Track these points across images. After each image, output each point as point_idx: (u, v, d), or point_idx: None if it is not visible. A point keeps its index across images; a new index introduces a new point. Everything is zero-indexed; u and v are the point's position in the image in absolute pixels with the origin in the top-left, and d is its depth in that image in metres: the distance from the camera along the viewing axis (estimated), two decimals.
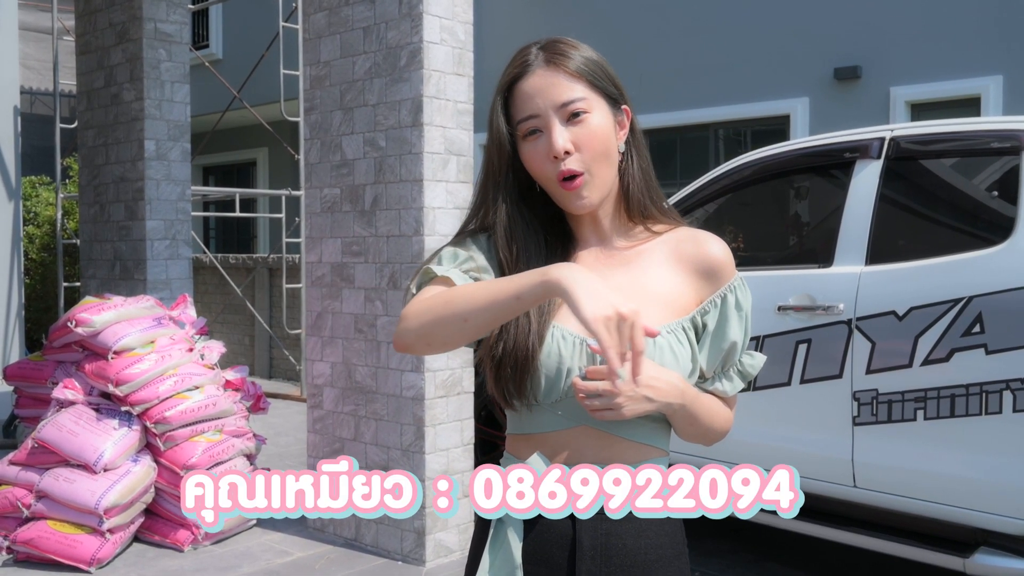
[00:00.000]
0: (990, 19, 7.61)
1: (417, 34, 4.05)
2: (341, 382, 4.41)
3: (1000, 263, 3.09)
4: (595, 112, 1.35)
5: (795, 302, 3.55)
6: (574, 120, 1.33)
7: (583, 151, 1.33)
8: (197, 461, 4.27)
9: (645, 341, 1.18)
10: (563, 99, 1.33)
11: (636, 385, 1.23)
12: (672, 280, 1.38)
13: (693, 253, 1.39)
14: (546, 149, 1.33)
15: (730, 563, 4.14)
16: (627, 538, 1.32)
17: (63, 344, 4.61)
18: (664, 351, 1.32)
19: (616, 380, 1.19)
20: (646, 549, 1.33)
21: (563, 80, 1.34)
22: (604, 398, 1.24)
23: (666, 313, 1.35)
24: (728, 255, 1.40)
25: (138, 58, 5.84)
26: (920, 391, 3.19)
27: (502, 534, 1.33)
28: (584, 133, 1.33)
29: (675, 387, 1.30)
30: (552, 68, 1.35)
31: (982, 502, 3.09)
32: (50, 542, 4.01)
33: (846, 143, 3.65)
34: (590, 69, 1.36)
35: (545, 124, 1.34)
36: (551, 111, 1.33)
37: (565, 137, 1.33)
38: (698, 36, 9.29)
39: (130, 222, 5.97)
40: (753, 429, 3.67)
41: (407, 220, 4.12)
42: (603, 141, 1.35)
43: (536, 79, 1.35)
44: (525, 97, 1.35)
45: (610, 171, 1.37)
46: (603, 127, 1.35)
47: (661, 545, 1.34)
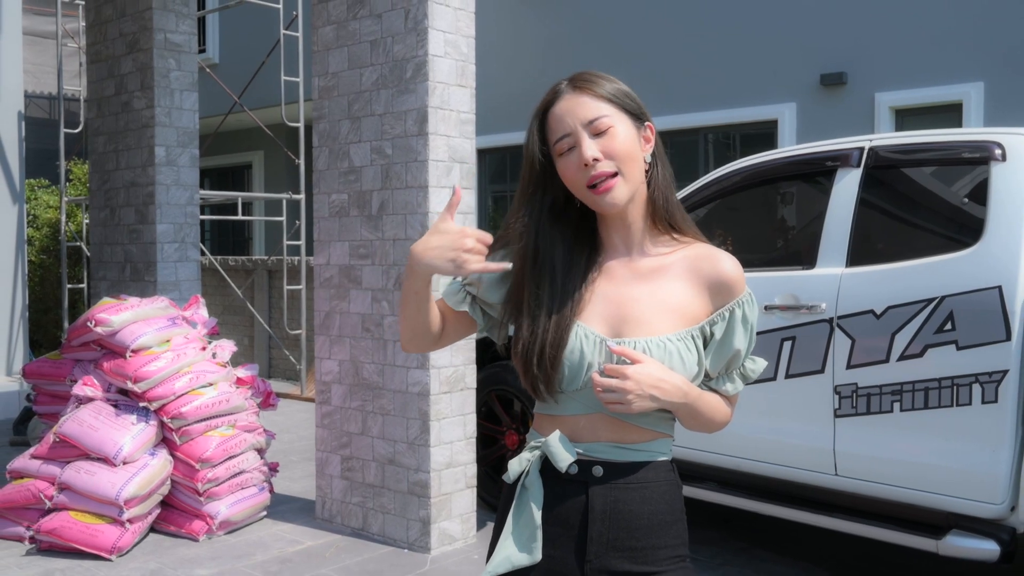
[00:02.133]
0: (971, 28, 7.86)
1: (422, 48, 4.26)
2: (349, 379, 4.61)
3: (969, 265, 3.31)
4: (619, 125, 1.56)
5: (781, 301, 3.77)
6: (601, 134, 1.55)
7: (612, 156, 1.54)
8: (211, 455, 4.47)
9: (659, 344, 1.50)
10: (590, 116, 1.55)
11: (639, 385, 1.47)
12: (687, 293, 1.59)
13: (708, 270, 1.60)
14: (578, 159, 1.54)
15: (720, 550, 4.36)
16: (632, 504, 1.55)
17: (81, 343, 4.80)
18: (673, 356, 1.53)
19: (626, 380, 1.46)
20: (649, 514, 1.55)
21: (589, 101, 1.56)
22: (617, 393, 1.47)
23: (678, 322, 1.57)
24: (739, 273, 1.61)
25: (149, 67, 6.03)
26: (896, 384, 3.42)
27: (525, 500, 1.56)
28: (611, 143, 1.54)
29: (679, 389, 1.52)
30: (578, 92, 1.57)
31: (954, 488, 3.30)
32: (72, 532, 4.20)
33: (828, 152, 3.87)
34: (612, 92, 1.58)
35: (576, 139, 1.55)
36: (580, 127, 1.55)
37: (594, 148, 1.54)
38: (689, 44, 9.52)
39: (140, 226, 6.16)
40: (743, 422, 3.86)
41: (413, 224, 4.32)
42: (628, 147, 1.56)
43: (565, 102, 1.57)
44: (557, 119, 1.57)
45: (637, 173, 1.58)
46: (628, 137, 1.56)
47: (662, 511, 1.57)
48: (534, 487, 1.56)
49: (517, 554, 1.55)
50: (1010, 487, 3.19)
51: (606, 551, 1.54)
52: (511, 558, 1.55)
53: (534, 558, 1.54)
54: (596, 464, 1.55)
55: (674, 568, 1.56)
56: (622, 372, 1.47)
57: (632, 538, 1.54)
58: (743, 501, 3.92)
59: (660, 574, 1.55)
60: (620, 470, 1.55)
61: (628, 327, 1.55)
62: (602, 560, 1.54)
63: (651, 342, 1.53)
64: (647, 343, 1.52)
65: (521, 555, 1.54)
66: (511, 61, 10.69)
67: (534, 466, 1.57)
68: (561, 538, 1.55)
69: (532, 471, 1.57)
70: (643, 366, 1.48)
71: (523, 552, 1.54)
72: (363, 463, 4.55)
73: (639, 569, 1.54)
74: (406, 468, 4.36)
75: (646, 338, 1.53)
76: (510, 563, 1.54)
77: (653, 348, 1.52)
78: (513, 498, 1.59)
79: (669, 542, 1.57)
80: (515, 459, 1.60)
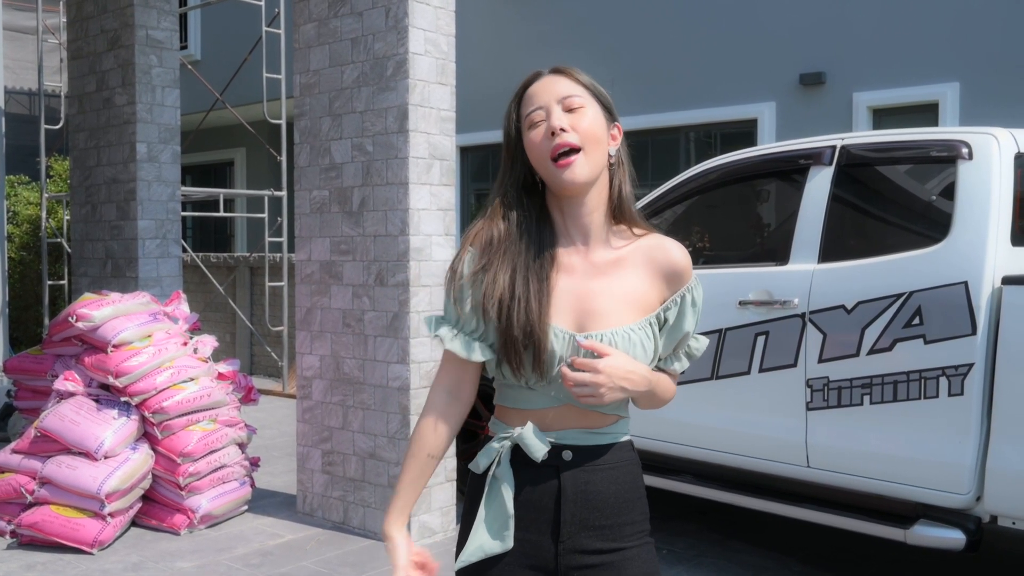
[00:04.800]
0: (947, 29, 7.97)
1: (403, 46, 4.31)
2: (330, 374, 4.65)
3: (937, 262, 3.39)
4: (591, 109, 1.61)
5: (754, 297, 3.84)
6: (572, 111, 1.60)
7: (579, 132, 1.59)
8: (193, 449, 4.50)
9: (624, 335, 1.55)
10: (565, 93, 1.61)
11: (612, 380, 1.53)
12: (644, 284, 1.65)
13: (662, 260, 1.66)
14: (546, 129, 1.59)
15: (696, 541, 4.43)
16: (601, 484, 1.61)
17: (63, 338, 4.81)
18: (636, 345, 1.59)
19: (598, 374, 1.51)
20: (616, 493, 1.62)
21: (565, 81, 1.63)
22: (589, 387, 1.53)
23: (637, 312, 1.63)
24: (688, 260, 1.68)
25: (130, 63, 6.04)
26: (866, 378, 3.49)
27: (496, 489, 1.61)
28: (580, 120, 1.60)
29: (645, 378, 1.59)
30: (557, 74, 1.64)
31: (921, 479, 3.38)
32: (54, 526, 4.22)
33: (801, 150, 3.94)
34: (589, 82, 1.64)
35: (547, 111, 1.60)
36: (553, 101, 1.60)
37: (563, 119, 1.59)
38: (669, 43, 9.60)
39: (122, 222, 6.17)
40: (717, 415, 3.96)
41: (393, 221, 4.37)
42: (596, 130, 1.61)
43: (543, 82, 1.64)
44: (532, 95, 1.64)
45: (600, 157, 1.62)
46: (597, 121, 1.62)
47: (627, 489, 1.64)
48: (505, 476, 1.60)
49: (490, 542, 1.60)
50: (975, 478, 3.27)
51: (578, 531, 1.60)
52: (484, 546, 1.60)
53: (506, 545, 1.59)
54: (566, 449, 1.60)
55: (639, 543, 1.63)
56: (593, 366, 1.52)
57: (603, 516, 1.61)
58: (718, 493, 3.99)
59: (627, 549, 1.62)
60: (588, 453, 1.61)
61: (592, 320, 1.60)
62: (575, 540, 1.60)
63: (616, 334, 1.58)
64: (612, 335, 1.58)
65: (494, 543, 1.60)
66: (492, 59, 10.73)
67: (504, 456, 1.61)
68: (535, 522, 1.61)
69: (503, 461, 1.61)
70: (612, 359, 1.54)
71: (495, 540, 1.60)
72: (344, 457, 4.59)
73: (608, 546, 1.61)
74: (387, 462, 4.41)
75: (611, 330, 1.58)
76: (483, 551, 1.60)
77: (619, 340, 1.58)
78: (482, 488, 1.64)
79: (635, 518, 1.64)
80: (483, 451, 1.65)
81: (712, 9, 9.32)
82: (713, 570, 4.06)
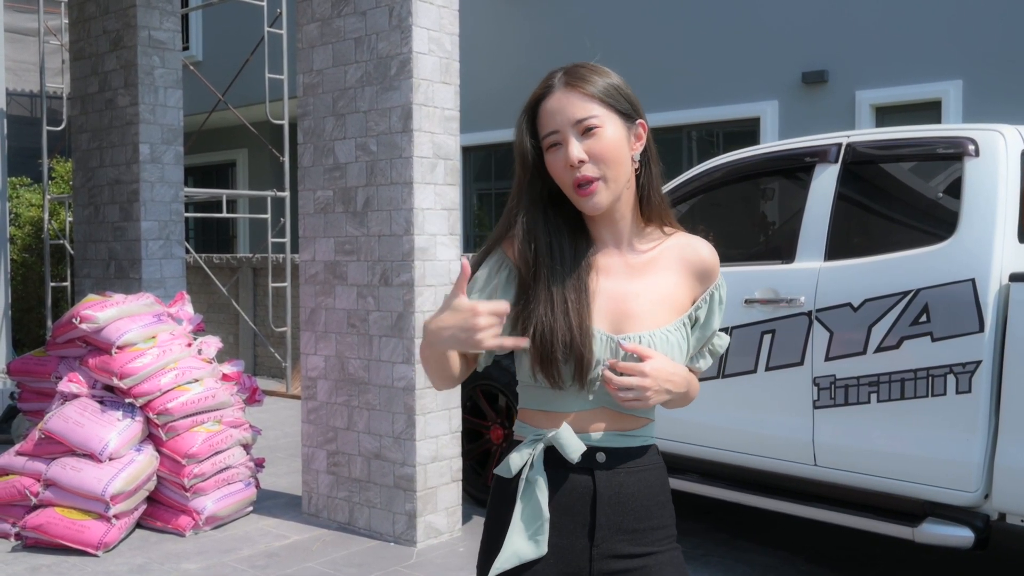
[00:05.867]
0: (950, 27, 7.96)
1: (406, 45, 4.30)
2: (334, 374, 4.64)
3: (944, 259, 3.37)
4: (607, 126, 1.58)
5: (760, 295, 3.83)
6: (588, 134, 1.57)
7: (596, 159, 1.56)
8: (198, 450, 4.49)
9: (662, 337, 1.55)
10: (577, 117, 1.57)
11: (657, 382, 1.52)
12: (678, 284, 1.65)
13: (693, 259, 1.66)
14: (564, 159, 1.57)
15: (703, 541, 4.42)
16: (634, 487, 1.60)
17: (67, 340, 4.81)
18: (673, 346, 1.59)
19: (644, 378, 1.50)
20: (648, 495, 1.62)
21: (578, 100, 1.58)
22: (635, 391, 1.52)
23: (672, 313, 1.62)
24: (716, 258, 1.68)
25: (133, 64, 6.04)
26: (874, 376, 3.48)
27: (531, 492, 1.58)
28: (597, 145, 1.56)
29: (685, 379, 1.60)
30: (569, 89, 1.59)
31: (929, 476, 3.37)
32: (58, 528, 4.21)
33: (807, 148, 3.93)
34: (604, 90, 1.60)
35: (564, 138, 1.57)
36: (568, 127, 1.57)
37: (579, 149, 1.56)
38: (671, 42, 9.59)
39: (125, 223, 6.17)
40: (724, 414, 3.94)
41: (397, 220, 4.36)
42: (614, 151, 1.58)
43: (555, 100, 1.59)
44: (547, 115, 1.60)
45: (622, 177, 1.60)
46: (615, 139, 1.58)
47: (657, 492, 1.64)
48: (539, 480, 1.57)
49: (525, 547, 1.56)
50: (983, 475, 3.26)
51: (612, 534, 1.58)
52: (519, 552, 1.56)
53: (540, 551, 1.56)
54: (599, 451, 1.59)
55: (668, 549, 1.63)
56: (640, 370, 1.51)
57: (636, 519, 1.60)
58: (725, 492, 3.98)
59: (657, 554, 1.60)
60: (622, 455, 1.60)
61: (629, 322, 1.58)
62: (608, 544, 1.58)
63: (654, 335, 1.57)
64: (651, 336, 1.57)
65: (528, 548, 1.56)
66: (495, 59, 10.73)
67: (538, 459, 1.58)
68: (568, 526, 1.58)
69: (536, 464, 1.58)
70: (655, 361, 1.53)
71: (530, 544, 1.56)
72: (349, 458, 4.58)
73: (640, 551, 1.59)
74: (392, 462, 4.40)
75: (649, 331, 1.57)
76: (518, 558, 1.56)
77: (657, 342, 1.57)
78: (513, 492, 1.60)
79: (664, 522, 1.64)
80: (515, 453, 1.60)
81: (714, 8, 9.31)
82: (720, 569, 4.05)
